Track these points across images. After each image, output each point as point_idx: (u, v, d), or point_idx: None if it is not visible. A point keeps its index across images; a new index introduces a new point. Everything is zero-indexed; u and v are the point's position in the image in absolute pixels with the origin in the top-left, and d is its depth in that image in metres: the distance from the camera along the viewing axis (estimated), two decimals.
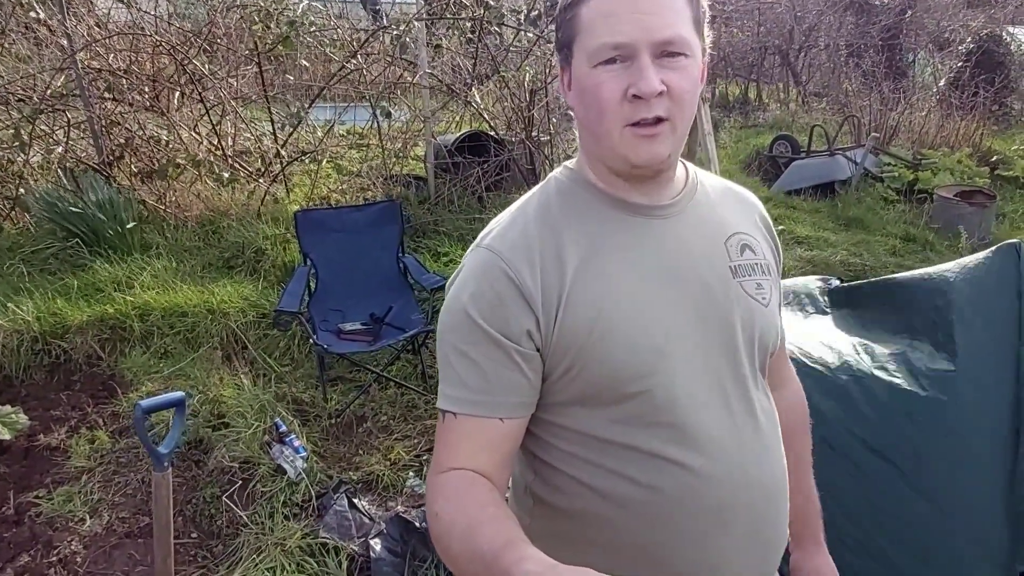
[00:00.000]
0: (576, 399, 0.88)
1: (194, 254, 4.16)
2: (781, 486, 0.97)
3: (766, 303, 0.95)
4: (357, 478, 2.65)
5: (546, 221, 0.89)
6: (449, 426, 0.86)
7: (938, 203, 5.59)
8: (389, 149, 5.13)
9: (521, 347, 0.84)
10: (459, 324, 0.86)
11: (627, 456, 0.88)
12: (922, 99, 8.39)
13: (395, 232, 3.41)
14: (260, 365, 3.33)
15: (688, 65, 0.82)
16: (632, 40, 0.79)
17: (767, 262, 0.98)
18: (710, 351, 0.90)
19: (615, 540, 0.91)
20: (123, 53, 4.24)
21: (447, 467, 0.85)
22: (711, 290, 0.90)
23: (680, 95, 0.82)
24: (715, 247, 0.93)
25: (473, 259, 0.89)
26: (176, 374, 3.18)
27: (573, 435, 0.90)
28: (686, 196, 0.94)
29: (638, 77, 0.79)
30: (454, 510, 0.79)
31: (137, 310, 3.45)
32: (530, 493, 0.97)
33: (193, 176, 4.45)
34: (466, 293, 0.86)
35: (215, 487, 2.52)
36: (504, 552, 0.68)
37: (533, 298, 0.84)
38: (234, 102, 4.34)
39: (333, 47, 4.70)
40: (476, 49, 4.75)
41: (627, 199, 0.90)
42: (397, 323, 3.21)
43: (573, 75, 0.86)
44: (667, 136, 0.83)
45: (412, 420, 3.04)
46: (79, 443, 2.75)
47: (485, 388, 0.84)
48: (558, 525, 0.94)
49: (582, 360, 0.85)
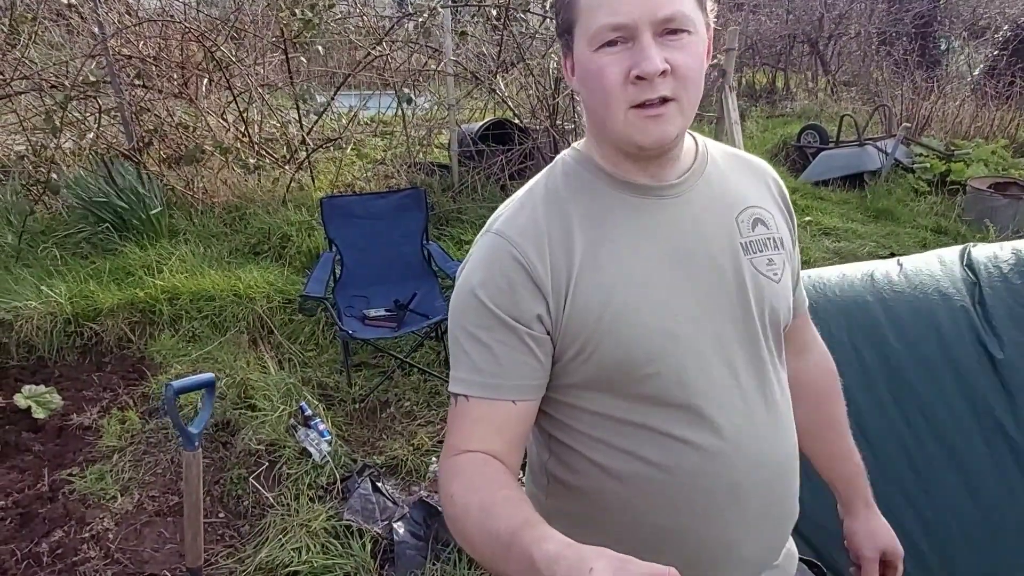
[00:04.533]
0: (589, 381, 0.88)
1: (221, 240, 4.21)
2: (793, 463, 0.98)
3: (777, 279, 0.94)
4: (381, 462, 2.67)
5: (554, 205, 0.89)
6: (461, 409, 0.87)
7: (971, 195, 5.46)
8: (413, 137, 5.14)
9: (532, 330, 0.85)
10: (470, 308, 0.86)
11: (641, 436, 0.89)
12: (956, 88, 8.19)
13: (420, 219, 3.42)
14: (286, 350, 3.37)
15: (692, 42, 0.80)
16: (632, 20, 0.78)
17: (779, 235, 0.97)
18: (721, 330, 0.90)
19: (630, 519, 0.91)
20: (152, 40, 4.29)
21: (460, 450, 0.85)
22: (721, 269, 0.90)
23: (685, 73, 0.80)
24: (725, 224, 0.92)
25: (483, 244, 0.90)
26: (204, 357, 3.23)
27: (587, 416, 0.91)
28: (694, 173, 0.93)
29: (640, 58, 0.78)
30: (469, 492, 0.79)
31: (166, 294, 3.50)
32: (546, 472, 0.98)
33: (220, 163, 4.50)
34: (476, 278, 0.86)
35: (242, 468, 2.56)
36: (522, 532, 0.68)
37: (543, 282, 0.84)
38: (261, 89, 4.36)
39: (358, 34, 4.70)
40: (501, 36, 4.73)
41: (634, 180, 0.90)
42: (421, 310, 3.22)
43: (575, 60, 0.85)
44: (674, 116, 0.82)
45: (435, 406, 3.06)
46: (110, 423, 2.81)
47: (497, 371, 0.85)
48: (573, 504, 0.95)
49: (593, 343, 0.86)
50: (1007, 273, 1.85)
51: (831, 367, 1.17)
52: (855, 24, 10.79)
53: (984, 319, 1.78)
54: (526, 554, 0.65)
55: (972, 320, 1.79)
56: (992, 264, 1.89)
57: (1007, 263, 1.87)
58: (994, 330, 1.76)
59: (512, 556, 0.68)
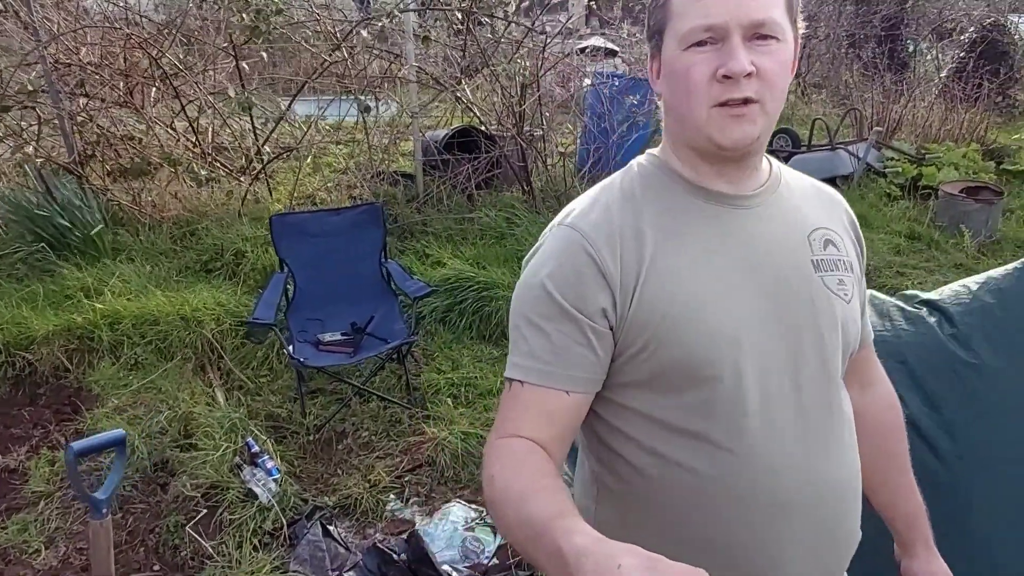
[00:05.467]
0: (645, 381, 0.88)
1: (170, 257, 3.98)
2: (853, 485, 0.97)
3: (848, 299, 0.94)
4: (333, 502, 2.49)
5: (628, 204, 0.90)
6: (515, 394, 0.87)
7: (943, 200, 5.41)
8: (376, 145, 4.95)
9: (595, 323, 0.85)
10: (535, 297, 0.87)
11: (691, 445, 0.88)
12: (925, 91, 8.21)
13: (377, 236, 3.23)
14: (235, 377, 3.16)
15: (779, 49, 0.82)
16: (723, 20, 0.79)
17: (850, 260, 0.97)
18: (787, 344, 0.89)
19: (679, 530, 0.91)
20: (95, 47, 4.04)
21: (508, 434, 0.85)
22: (790, 284, 0.90)
23: (771, 77, 0.81)
24: (797, 240, 0.92)
25: (555, 236, 0.90)
26: (146, 387, 3.01)
27: (638, 418, 0.90)
28: (769, 188, 0.93)
29: (728, 57, 0.79)
30: (511, 476, 0.80)
31: (107, 318, 3.28)
32: (594, 480, 0.98)
33: (170, 175, 4.27)
34: (546, 269, 0.87)
35: (180, 514, 2.36)
36: (554, 523, 0.68)
37: (612, 276, 0.85)
38: (212, 97, 4.14)
39: (317, 39, 4.50)
40: (465, 41, 4.56)
41: (710, 187, 0.90)
42: (379, 333, 3.04)
43: (663, 60, 0.87)
44: (756, 117, 0.82)
45: (395, 436, 2.88)
46: (39, 465, 2.59)
47: (553, 360, 0.85)
48: (621, 512, 0.95)
49: (656, 341, 0.85)
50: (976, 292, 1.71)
51: (895, 403, 1.15)
52: (824, 26, 10.80)
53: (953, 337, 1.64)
54: (555, 545, 0.65)
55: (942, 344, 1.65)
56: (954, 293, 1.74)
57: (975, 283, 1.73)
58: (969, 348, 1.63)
59: (542, 545, 0.68)
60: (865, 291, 1.05)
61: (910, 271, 4.59)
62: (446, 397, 3.05)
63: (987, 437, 1.57)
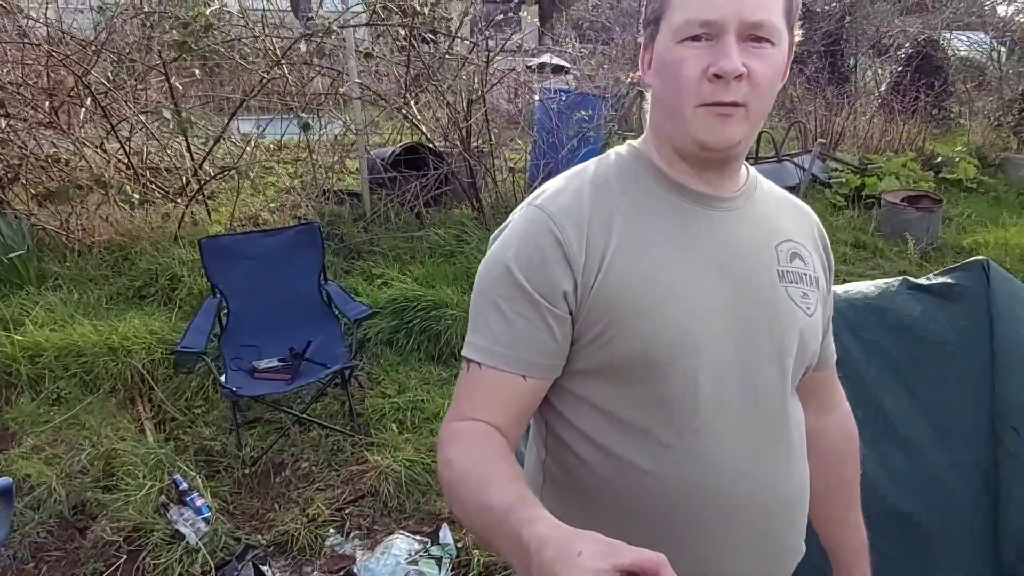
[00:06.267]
0: (598, 369, 0.87)
1: (100, 284, 3.79)
2: (800, 496, 0.96)
3: (810, 312, 0.93)
4: (268, 539, 2.35)
5: (601, 190, 0.89)
6: (473, 376, 0.86)
7: (885, 209, 5.54)
8: (321, 164, 4.83)
9: (556, 308, 0.84)
10: (498, 278, 0.86)
11: (636, 440, 0.87)
12: (865, 104, 8.44)
13: (315, 257, 3.11)
14: (167, 409, 2.99)
15: (773, 54, 0.81)
16: (721, 17, 0.78)
17: (816, 275, 0.96)
18: (744, 349, 0.88)
19: (618, 526, 0.83)
20: (14, 65, 3.84)
21: (464, 416, 0.85)
22: (756, 290, 0.89)
23: (760, 82, 0.80)
24: (766, 248, 0.92)
25: (522, 217, 0.89)
26: (68, 423, 2.82)
27: (587, 408, 0.89)
28: (744, 194, 0.92)
29: (720, 55, 0.78)
30: (468, 460, 0.79)
31: (26, 351, 3.08)
32: (542, 470, 0.97)
33: (100, 198, 4.07)
34: (511, 249, 0.86)
35: (99, 562, 2.19)
36: (514, 510, 0.68)
37: (575, 259, 0.84)
38: (143, 116, 3.97)
39: (256, 56, 4.37)
40: (408, 57, 4.49)
41: (688, 185, 0.89)
42: (319, 358, 2.91)
43: (656, 51, 0.85)
44: (741, 120, 0.81)
45: (336, 465, 2.75)
46: None
47: (513, 344, 0.84)
48: (565, 505, 0.91)
49: (614, 328, 0.84)
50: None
51: (853, 431, 1.13)
52: None
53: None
54: (516, 533, 0.65)
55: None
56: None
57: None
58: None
59: (503, 533, 0.67)
60: (831, 310, 1.03)
61: (856, 279, 4.64)
62: (391, 423, 2.93)
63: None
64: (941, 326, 1.62)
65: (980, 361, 1.58)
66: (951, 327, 1.62)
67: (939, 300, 1.64)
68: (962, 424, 1.57)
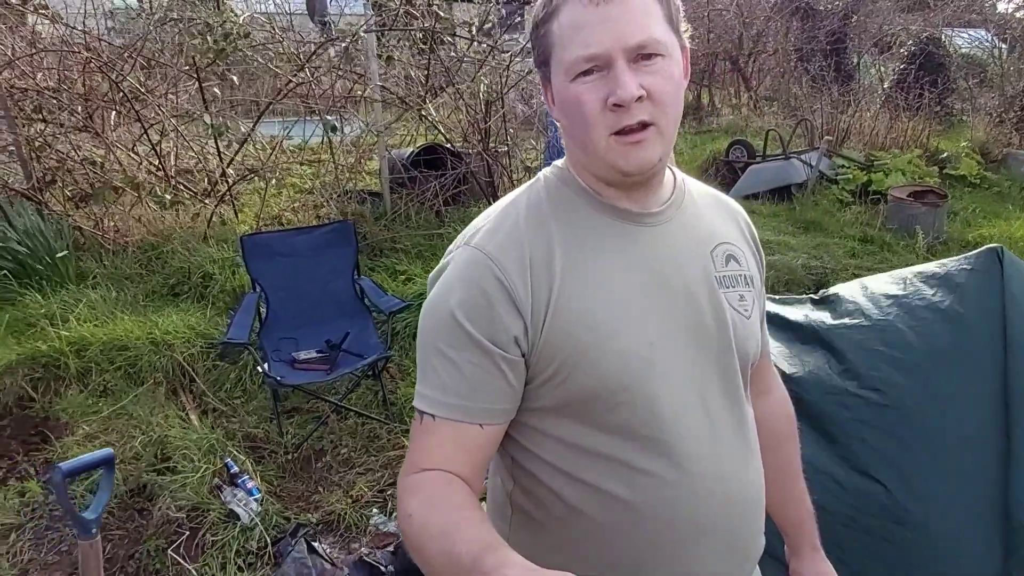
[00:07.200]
0: (560, 406, 0.87)
1: (135, 282, 3.92)
2: (758, 497, 0.98)
3: (747, 315, 0.95)
4: (316, 519, 2.48)
5: (535, 221, 0.88)
6: (427, 427, 0.84)
7: (892, 204, 5.66)
8: (342, 164, 4.96)
9: (507, 353, 0.83)
10: (444, 326, 0.83)
11: (606, 469, 0.87)
12: (870, 101, 8.55)
13: (349, 254, 3.24)
14: (209, 400, 3.12)
15: (665, 66, 0.81)
16: (604, 49, 0.78)
17: (750, 273, 0.98)
18: (693, 361, 0.89)
19: (593, 552, 0.90)
20: (52, 71, 3.98)
21: (421, 468, 0.83)
22: (698, 300, 0.90)
23: (661, 97, 0.81)
24: (701, 257, 0.93)
25: (461, 259, 0.86)
26: (117, 413, 2.95)
27: (554, 444, 0.89)
28: (674, 203, 0.93)
29: (615, 85, 0.79)
30: (429, 511, 0.77)
31: (73, 345, 3.21)
32: (510, 502, 0.96)
33: (133, 199, 4.21)
34: (455, 296, 0.84)
35: (160, 538, 2.32)
36: (483, 556, 0.67)
37: (523, 303, 0.83)
38: (175, 120, 4.11)
39: (280, 60, 4.51)
40: (428, 60, 4.62)
41: (616, 204, 0.89)
42: (355, 350, 3.04)
43: (554, 90, 0.86)
44: (654, 140, 0.82)
45: (374, 451, 2.88)
46: (8, 497, 2.52)
47: (467, 394, 0.83)
48: (536, 535, 0.93)
49: (568, 367, 0.84)
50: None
51: (790, 411, 1.17)
52: (772, 42, 11.20)
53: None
54: None
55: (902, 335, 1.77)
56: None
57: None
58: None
59: None
60: (764, 301, 1.05)
61: (865, 273, 4.76)
62: None
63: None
64: (955, 310, 1.74)
65: (993, 343, 1.69)
66: (965, 311, 1.74)
67: (954, 285, 1.77)
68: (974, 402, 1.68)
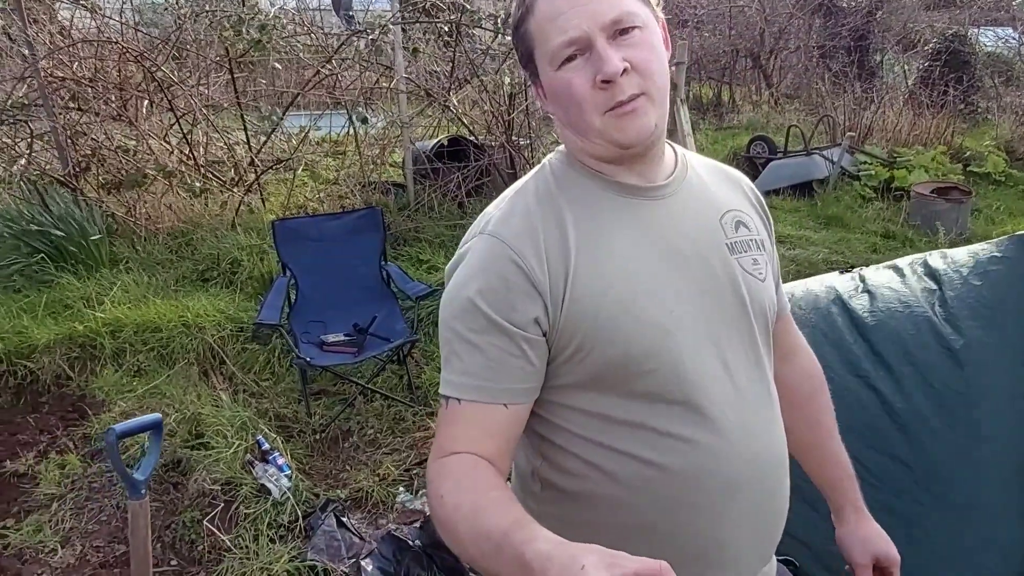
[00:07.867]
0: (585, 381, 0.88)
1: (167, 267, 4.02)
2: (785, 460, 0.99)
3: (762, 278, 0.97)
4: (345, 495, 2.54)
5: (547, 204, 0.90)
6: (452, 411, 0.86)
7: (915, 200, 5.63)
8: (367, 156, 5.03)
9: (528, 334, 0.85)
10: (465, 312, 0.86)
11: (637, 436, 0.88)
12: (893, 98, 8.49)
13: (377, 240, 3.31)
14: (239, 380, 3.20)
15: (644, 37, 0.84)
16: (582, 31, 0.81)
17: (760, 237, 1.00)
18: (713, 327, 0.91)
19: (624, 521, 0.91)
20: (88, 61, 4.09)
21: (450, 451, 0.84)
22: (711, 267, 0.92)
23: (646, 67, 0.83)
24: (711, 225, 0.95)
25: (477, 247, 0.89)
26: (151, 392, 3.04)
27: (582, 417, 0.90)
28: (677, 177, 0.95)
29: (600, 63, 0.81)
30: (459, 493, 0.79)
31: (108, 327, 3.30)
32: (538, 478, 0.97)
33: (164, 187, 4.31)
34: (475, 283, 0.86)
35: (195, 510, 2.40)
36: (512, 532, 0.69)
37: (541, 284, 0.85)
38: (205, 110, 4.20)
39: (307, 53, 4.59)
40: (454, 53, 4.67)
41: (622, 181, 0.91)
42: (382, 333, 3.11)
43: (544, 84, 0.89)
44: (647, 107, 0.84)
45: (400, 433, 2.94)
46: (49, 468, 2.61)
47: (489, 375, 0.85)
48: (566, 509, 0.94)
49: (590, 341, 0.86)
50: (967, 276, 1.89)
51: (818, 371, 1.17)
52: (794, 39, 11.14)
53: (946, 320, 1.81)
54: (517, 554, 0.66)
55: (934, 326, 1.81)
56: (952, 270, 1.94)
57: (966, 267, 1.91)
58: (957, 328, 1.79)
59: (504, 556, 0.68)
60: (777, 263, 1.07)
61: None
62: None
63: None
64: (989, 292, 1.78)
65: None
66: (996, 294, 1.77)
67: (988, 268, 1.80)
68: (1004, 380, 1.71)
